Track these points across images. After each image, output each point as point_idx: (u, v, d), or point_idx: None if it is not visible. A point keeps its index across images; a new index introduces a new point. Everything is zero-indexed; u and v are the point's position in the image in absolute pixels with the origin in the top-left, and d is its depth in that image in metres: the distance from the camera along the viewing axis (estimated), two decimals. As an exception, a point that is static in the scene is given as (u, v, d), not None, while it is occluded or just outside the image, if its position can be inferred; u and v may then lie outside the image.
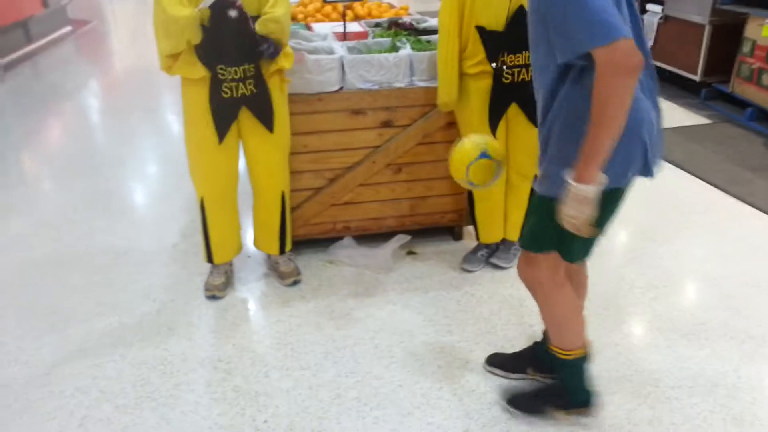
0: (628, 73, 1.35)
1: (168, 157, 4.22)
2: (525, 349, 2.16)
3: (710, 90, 5.02)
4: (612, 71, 1.35)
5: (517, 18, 2.32)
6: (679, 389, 2.11)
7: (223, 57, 2.25)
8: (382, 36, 3.07)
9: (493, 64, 2.41)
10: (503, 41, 2.36)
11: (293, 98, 2.62)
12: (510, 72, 2.41)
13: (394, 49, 2.85)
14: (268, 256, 2.82)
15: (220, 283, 2.67)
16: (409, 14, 3.74)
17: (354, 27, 3.30)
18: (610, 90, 1.36)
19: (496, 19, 2.35)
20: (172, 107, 5.32)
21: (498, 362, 2.17)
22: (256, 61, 2.31)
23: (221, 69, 2.26)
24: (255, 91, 2.35)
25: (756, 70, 4.48)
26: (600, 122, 1.39)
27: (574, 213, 1.49)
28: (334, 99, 2.69)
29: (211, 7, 2.15)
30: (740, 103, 4.68)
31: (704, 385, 2.12)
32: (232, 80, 2.29)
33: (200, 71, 2.27)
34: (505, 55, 2.38)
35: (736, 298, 2.61)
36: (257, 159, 2.53)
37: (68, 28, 8.40)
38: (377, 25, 3.39)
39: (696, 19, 4.90)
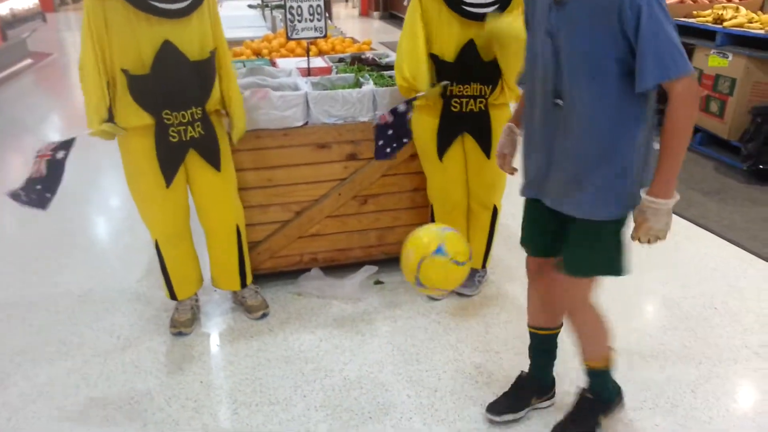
0: (698, 102, 1.56)
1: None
2: (519, 383, 2.17)
3: (662, 116, 5.21)
4: (693, 100, 1.52)
5: (467, 51, 2.41)
6: (641, 411, 2.17)
7: (170, 102, 2.22)
8: (345, 71, 3.14)
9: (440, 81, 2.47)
10: (452, 72, 2.45)
11: (259, 133, 2.66)
12: (458, 102, 2.49)
13: (358, 84, 2.92)
14: (234, 291, 2.81)
15: (186, 319, 2.65)
16: (372, 49, 3.83)
17: (318, 62, 3.37)
18: (692, 113, 1.54)
19: (447, 49, 2.43)
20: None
21: (503, 408, 2.12)
22: (202, 104, 2.31)
23: (167, 114, 2.23)
24: (203, 132, 2.34)
25: (704, 98, 4.69)
26: (680, 142, 1.55)
27: (660, 225, 1.62)
28: (299, 134, 2.73)
29: (157, 55, 2.13)
30: (691, 129, 4.89)
31: (664, 406, 2.19)
32: (180, 124, 2.26)
33: (144, 119, 2.22)
34: (453, 84, 2.47)
35: (693, 319, 2.70)
36: (207, 197, 2.49)
37: (28, 61, 8.32)
38: (341, 60, 3.46)
39: (646, 49, 5.11)
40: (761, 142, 4.05)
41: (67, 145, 2.12)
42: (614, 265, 1.77)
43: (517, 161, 1.96)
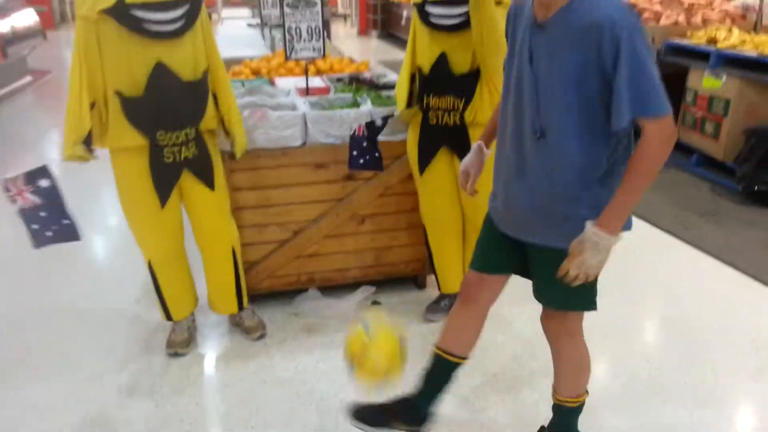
0: (671, 144, 1.48)
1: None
2: (394, 403, 2.05)
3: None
4: (667, 139, 1.45)
5: (440, 63, 2.43)
6: (639, 434, 2.16)
7: (164, 123, 2.22)
8: (343, 91, 3.17)
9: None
10: (428, 84, 2.48)
11: (258, 153, 2.67)
12: (435, 114, 2.51)
13: (355, 104, 2.94)
14: (231, 314, 2.80)
15: (183, 339, 2.64)
16: (369, 69, 3.87)
17: (316, 82, 3.39)
18: (662, 155, 1.46)
19: (424, 61, 2.47)
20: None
21: (364, 416, 2.02)
22: (195, 124, 2.32)
23: (161, 135, 2.23)
24: (197, 152, 2.34)
25: (699, 119, 4.74)
26: (642, 182, 1.48)
27: (594, 262, 1.51)
28: (297, 153, 2.74)
29: (151, 77, 2.14)
30: (687, 150, 4.92)
31: (664, 431, 2.18)
32: (174, 145, 2.27)
33: (138, 139, 2.22)
34: (430, 96, 2.49)
35: (690, 341, 2.70)
36: (202, 216, 2.50)
37: (28, 79, 8.35)
38: (339, 80, 3.49)
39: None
40: (755, 163, 4.08)
41: (39, 174, 2.03)
42: (589, 297, 1.73)
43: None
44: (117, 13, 2.06)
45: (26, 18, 8.30)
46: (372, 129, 2.53)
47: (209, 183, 2.43)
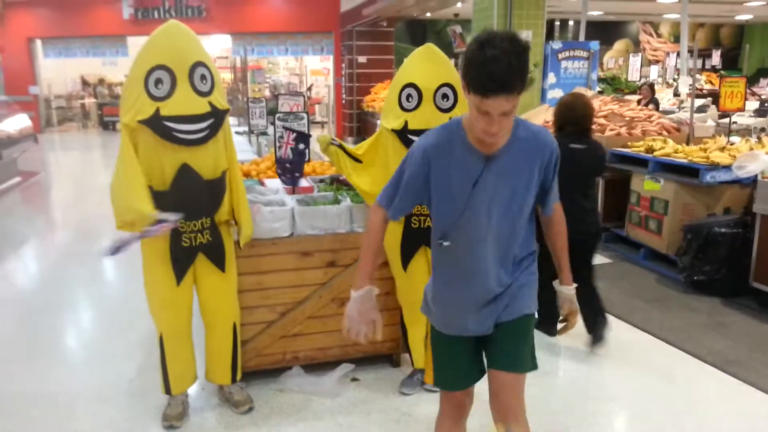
0: None
1: (118, 299, 4.45)
2: None
3: (609, 234, 5.78)
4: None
5: None
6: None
7: (184, 213, 2.55)
8: (326, 190, 3.60)
9: None
10: None
11: (251, 243, 3.03)
12: (417, 219, 2.93)
13: (337, 201, 3.36)
14: (221, 387, 3.04)
15: (178, 413, 2.86)
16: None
17: (302, 182, 3.83)
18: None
19: None
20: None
21: None
22: (211, 215, 2.70)
23: (182, 223, 2.58)
24: (211, 239, 2.71)
25: (643, 217, 5.28)
26: (566, 243, 2.08)
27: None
28: (285, 243, 3.12)
29: (177, 175, 2.54)
30: (635, 245, 5.42)
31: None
32: (191, 232, 2.64)
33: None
34: None
35: (636, 415, 3.01)
36: (211, 296, 2.82)
37: (17, 179, 8.71)
38: (321, 181, 3.93)
39: (591, 175, 5.77)
40: (693, 256, 4.56)
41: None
42: (534, 356, 2.05)
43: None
44: (153, 123, 2.50)
45: (20, 122, 8.79)
46: (296, 153, 3.13)
47: (221, 266, 2.77)
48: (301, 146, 2.97)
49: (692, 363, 3.51)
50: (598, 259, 5.33)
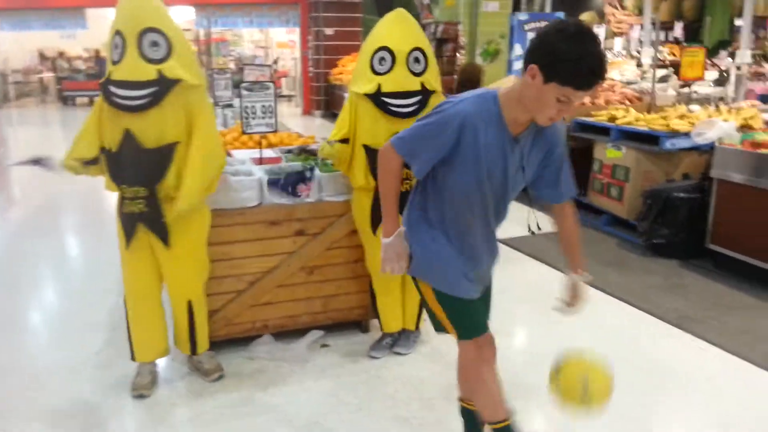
0: None
1: (84, 275, 4.42)
2: None
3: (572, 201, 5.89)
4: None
5: None
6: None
7: (125, 178, 2.66)
8: (294, 161, 3.60)
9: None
10: None
11: (218, 213, 3.03)
12: None
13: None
14: (190, 355, 3.06)
15: (147, 382, 2.88)
16: (316, 142, 4.33)
17: (269, 153, 3.82)
18: None
19: (376, 140, 2.89)
20: (82, 227, 5.56)
21: None
22: (147, 185, 2.66)
23: (123, 188, 2.68)
24: (146, 210, 2.68)
25: (605, 185, 5.41)
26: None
27: None
28: (253, 213, 3.12)
29: (121, 140, 2.60)
30: (597, 211, 5.56)
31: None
32: (128, 198, 2.68)
33: (111, 186, 2.72)
34: None
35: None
36: (163, 270, 2.84)
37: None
38: (289, 151, 3.92)
39: (556, 144, 5.86)
40: (652, 220, 4.71)
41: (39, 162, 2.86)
42: None
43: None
44: (103, 87, 2.60)
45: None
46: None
47: (163, 239, 2.75)
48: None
49: (650, 321, 3.65)
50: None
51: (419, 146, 1.96)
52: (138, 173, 2.65)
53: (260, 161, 3.57)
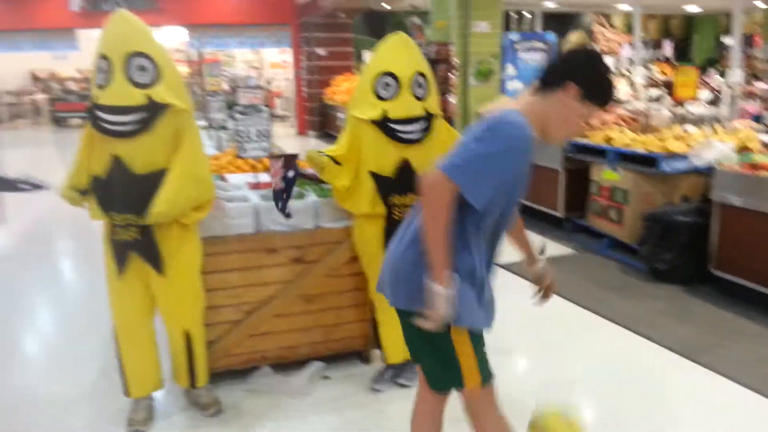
0: None
1: (77, 302, 4.30)
2: None
3: (572, 224, 5.86)
4: None
5: (405, 167, 2.87)
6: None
7: (115, 205, 2.58)
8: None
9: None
10: (392, 185, 2.88)
11: (214, 240, 2.95)
12: (399, 210, 2.90)
13: (301, 196, 3.29)
14: (188, 389, 2.96)
15: (143, 417, 2.77)
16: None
17: (265, 177, 3.74)
18: None
19: (384, 166, 2.87)
20: (75, 252, 5.44)
21: None
22: (137, 212, 2.57)
23: (113, 215, 2.59)
24: (139, 238, 2.61)
25: (605, 207, 5.36)
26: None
27: None
28: (250, 240, 3.04)
29: (110, 166, 2.54)
30: (598, 235, 5.50)
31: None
32: (119, 226, 2.60)
33: (99, 215, 2.63)
34: (394, 196, 2.89)
35: (600, 397, 3.06)
36: (157, 299, 2.75)
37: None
38: (286, 175, 3.85)
39: (553, 165, 5.84)
40: (653, 244, 4.65)
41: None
42: None
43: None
44: (90, 112, 2.56)
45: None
46: (287, 181, 2.95)
47: (156, 267, 2.66)
48: (290, 174, 2.90)
49: (656, 349, 3.58)
50: (562, 250, 5.41)
51: (483, 173, 1.76)
52: (128, 200, 2.58)
53: (256, 186, 3.50)
